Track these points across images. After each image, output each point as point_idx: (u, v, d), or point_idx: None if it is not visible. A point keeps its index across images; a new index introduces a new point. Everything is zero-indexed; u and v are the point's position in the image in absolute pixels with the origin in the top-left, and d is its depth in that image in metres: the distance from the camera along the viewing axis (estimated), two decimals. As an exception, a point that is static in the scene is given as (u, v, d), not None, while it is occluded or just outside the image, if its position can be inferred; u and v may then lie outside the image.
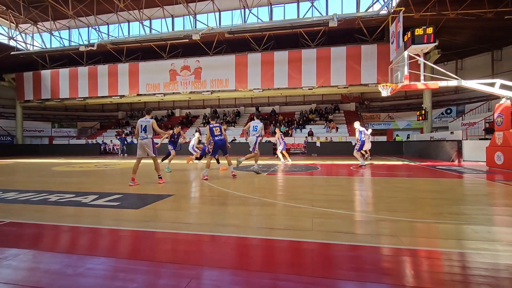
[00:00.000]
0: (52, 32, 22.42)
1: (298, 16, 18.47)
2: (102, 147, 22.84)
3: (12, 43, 21.62)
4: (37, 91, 22.40)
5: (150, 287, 1.72)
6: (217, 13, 19.87)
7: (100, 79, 21.23)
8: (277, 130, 11.47)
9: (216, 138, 6.53)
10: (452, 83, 8.64)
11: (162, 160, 8.42)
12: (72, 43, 22.58)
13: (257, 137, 7.47)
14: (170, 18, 21.15)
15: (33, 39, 23.31)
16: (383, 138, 19.93)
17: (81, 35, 22.50)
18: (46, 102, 23.11)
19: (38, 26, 21.91)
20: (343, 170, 8.35)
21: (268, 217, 3.24)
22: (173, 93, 20.65)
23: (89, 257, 2.17)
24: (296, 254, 2.21)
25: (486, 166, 8.65)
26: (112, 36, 21.45)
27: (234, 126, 24.30)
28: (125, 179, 7.03)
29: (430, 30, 8.78)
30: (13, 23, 21.06)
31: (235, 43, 19.82)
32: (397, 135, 21.00)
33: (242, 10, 18.86)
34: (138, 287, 1.70)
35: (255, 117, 7.74)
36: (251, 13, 18.37)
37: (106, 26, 22.30)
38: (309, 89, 18.34)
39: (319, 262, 2.05)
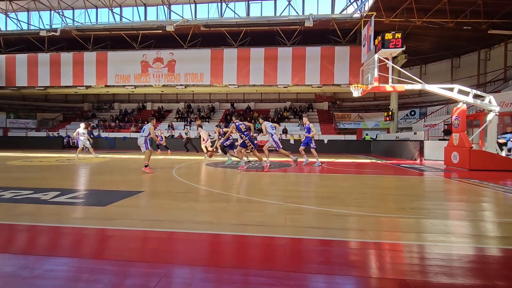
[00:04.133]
0: (8, 13, 20.40)
1: (275, 13, 18.54)
2: (65, 140, 21.34)
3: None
4: (-12, 77, 20.36)
5: (116, 287, 1.64)
6: (192, 5, 19.32)
7: (63, 67, 19.75)
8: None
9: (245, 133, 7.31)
10: (417, 86, 9.19)
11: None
12: (32, 27, 20.71)
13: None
14: (143, 7, 20.16)
15: (-15, 20, 21.09)
16: (353, 137, 20.78)
17: (42, 18, 20.66)
18: (0, 90, 21.08)
19: (-9, 5, 19.82)
20: (315, 167, 8.58)
21: (242, 214, 3.24)
22: (145, 85, 19.83)
23: (48, 258, 2.02)
24: (269, 250, 2.23)
25: (444, 164, 9.37)
26: (78, 22, 19.99)
27: (208, 122, 23.93)
28: (92, 175, 6.66)
29: (398, 36, 9.24)
30: (-39, 0, 18.87)
31: (211, 37, 19.44)
32: (366, 135, 21.99)
33: (219, 4, 18.50)
34: (103, 288, 1.61)
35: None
36: (228, 7, 18.09)
37: (71, 10, 20.71)
38: (284, 87, 18.55)
39: (291, 257, 2.09)
